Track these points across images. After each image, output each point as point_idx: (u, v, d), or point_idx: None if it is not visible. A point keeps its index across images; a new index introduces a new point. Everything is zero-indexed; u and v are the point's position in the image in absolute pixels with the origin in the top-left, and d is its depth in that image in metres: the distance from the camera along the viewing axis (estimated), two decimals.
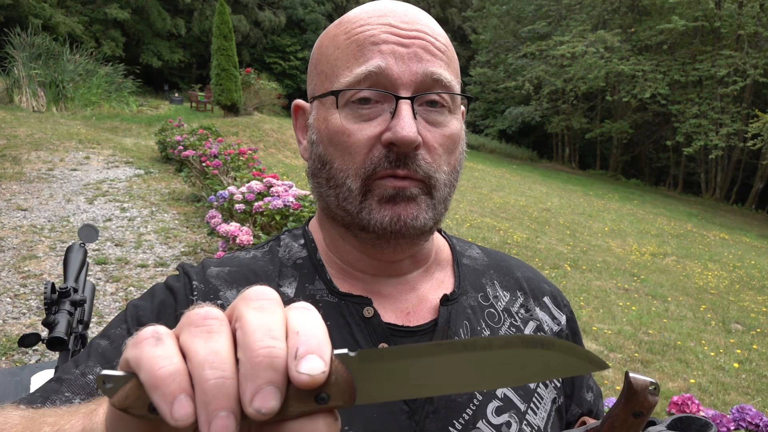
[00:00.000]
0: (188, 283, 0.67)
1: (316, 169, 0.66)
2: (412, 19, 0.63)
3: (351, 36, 0.62)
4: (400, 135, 0.58)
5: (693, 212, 17.06)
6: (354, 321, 0.65)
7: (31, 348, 2.57)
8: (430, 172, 0.62)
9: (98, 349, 0.62)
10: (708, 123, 20.78)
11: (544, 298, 0.78)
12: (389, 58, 0.59)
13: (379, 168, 0.60)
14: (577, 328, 0.80)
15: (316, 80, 0.66)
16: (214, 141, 8.21)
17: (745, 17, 20.36)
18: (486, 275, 0.77)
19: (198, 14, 28.11)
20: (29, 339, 1.14)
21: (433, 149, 0.62)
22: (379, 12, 0.63)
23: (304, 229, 0.76)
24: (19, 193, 7.49)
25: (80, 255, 1.44)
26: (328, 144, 0.63)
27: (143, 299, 0.67)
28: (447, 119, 0.63)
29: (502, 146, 28.60)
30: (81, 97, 16.52)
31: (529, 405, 0.67)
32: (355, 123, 0.61)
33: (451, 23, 36.02)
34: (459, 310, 0.70)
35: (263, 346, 0.29)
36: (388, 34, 0.60)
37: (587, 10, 25.12)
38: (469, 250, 0.80)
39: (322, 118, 0.64)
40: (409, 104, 0.59)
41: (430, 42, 0.62)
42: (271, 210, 4.01)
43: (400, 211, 0.61)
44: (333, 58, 0.63)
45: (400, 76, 0.59)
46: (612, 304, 6.17)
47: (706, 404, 3.92)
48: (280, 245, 0.74)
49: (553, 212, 11.96)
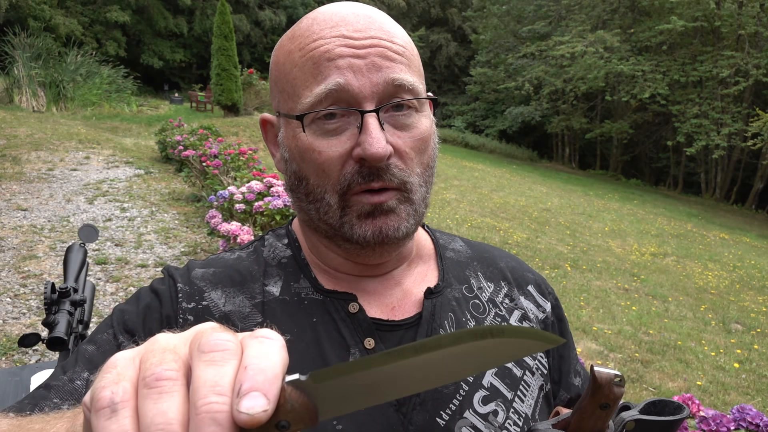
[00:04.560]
0: (173, 286, 0.67)
1: (294, 185, 0.66)
2: (364, 25, 0.61)
3: (306, 53, 0.61)
4: (371, 152, 0.58)
5: (693, 212, 17.06)
6: (339, 317, 0.66)
7: (31, 348, 2.58)
8: (404, 177, 0.62)
9: (85, 354, 0.63)
10: (709, 123, 20.78)
11: (528, 287, 0.79)
12: (347, 72, 0.59)
13: (354, 184, 0.60)
14: (562, 314, 0.81)
15: (279, 97, 0.66)
16: (214, 141, 8.21)
17: (746, 17, 20.36)
18: (470, 267, 0.77)
19: (199, 13, 28.12)
20: (29, 339, 1.14)
21: (404, 154, 0.62)
22: (331, 23, 0.61)
23: (287, 229, 0.76)
24: (19, 193, 7.49)
25: (80, 255, 1.44)
26: (301, 161, 0.63)
27: (129, 303, 0.67)
28: (415, 120, 0.63)
29: (502, 146, 28.59)
30: (81, 97, 16.52)
31: (516, 393, 0.68)
32: (324, 139, 0.61)
33: (451, 23, 36.01)
34: (443, 303, 0.70)
35: (205, 402, 0.29)
36: (343, 47, 0.59)
37: (587, 11, 25.12)
38: (452, 243, 0.81)
39: (291, 136, 0.64)
40: (375, 117, 0.59)
41: (386, 47, 0.60)
42: (271, 210, 4.01)
43: (380, 224, 0.62)
44: (291, 77, 0.62)
45: (361, 90, 0.59)
46: (612, 304, 6.17)
47: (706, 404, 3.91)
48: (264, 245, 0.74)
49: (553, 212, 11.96)
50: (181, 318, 0.65)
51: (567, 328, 0.82)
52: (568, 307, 5.80)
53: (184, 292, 0.67)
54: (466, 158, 20.71)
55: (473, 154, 23.83)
